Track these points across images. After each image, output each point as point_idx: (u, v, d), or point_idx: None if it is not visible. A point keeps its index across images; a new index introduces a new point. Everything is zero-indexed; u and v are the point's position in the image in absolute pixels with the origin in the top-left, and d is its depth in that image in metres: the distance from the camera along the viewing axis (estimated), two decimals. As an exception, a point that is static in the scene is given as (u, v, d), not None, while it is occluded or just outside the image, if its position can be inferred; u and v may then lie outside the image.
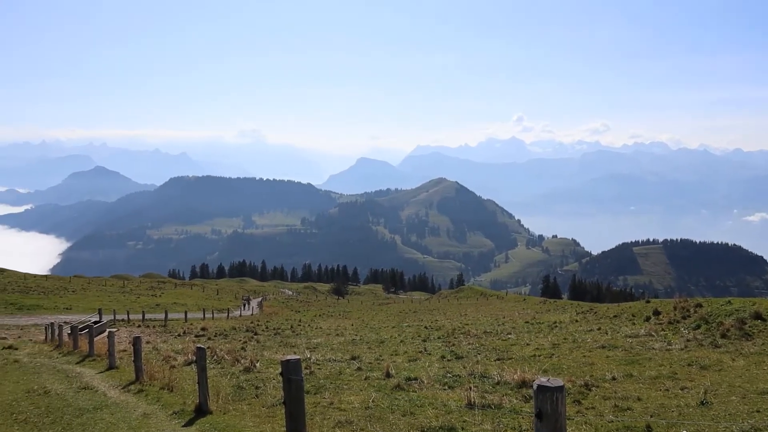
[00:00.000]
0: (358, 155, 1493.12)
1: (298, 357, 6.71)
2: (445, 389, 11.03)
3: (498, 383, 11.25)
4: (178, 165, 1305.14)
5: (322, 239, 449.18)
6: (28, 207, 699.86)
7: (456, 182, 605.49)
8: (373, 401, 9.90)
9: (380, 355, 17.12)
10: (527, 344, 17.90)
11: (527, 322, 27.70)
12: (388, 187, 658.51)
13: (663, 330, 17.23)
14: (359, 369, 13.93)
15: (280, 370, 7.00)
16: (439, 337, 22.48)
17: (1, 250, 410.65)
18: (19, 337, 30.23)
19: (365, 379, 12.42)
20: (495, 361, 14.71)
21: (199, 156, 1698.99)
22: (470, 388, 10.14)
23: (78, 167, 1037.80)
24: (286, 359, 6.63)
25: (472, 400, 9.36)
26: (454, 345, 19.09)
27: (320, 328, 35.17)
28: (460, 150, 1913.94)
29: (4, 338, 29.03)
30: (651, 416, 8.39)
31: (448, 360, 15.37)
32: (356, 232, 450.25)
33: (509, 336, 21.07)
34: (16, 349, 23.36)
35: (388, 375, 12.59)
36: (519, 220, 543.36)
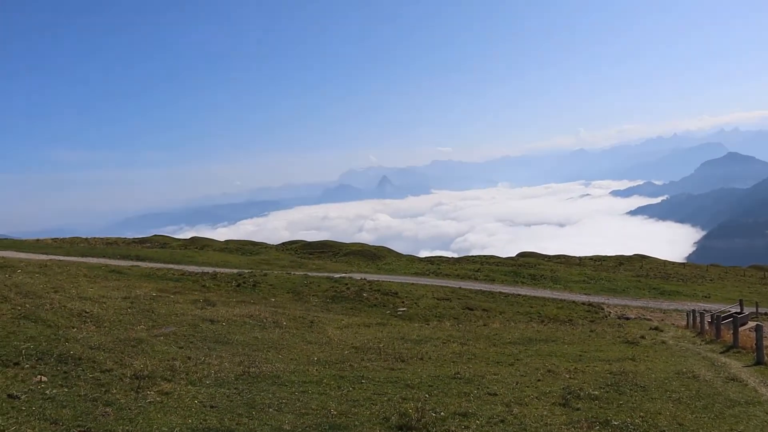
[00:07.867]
0: None
1: None
2: None
3: None
4: None
5: None
6: (663, 198, 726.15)
7: None
8: None
9: None
10: None
11: None
12: None
13: None
14: None
15: None
16: None
17: (642, 239, 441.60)
18: (662, 320, 32.27)
19: None
20: None
21: None
22: None
23: (709, 155, 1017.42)
24: None
25: None
26: None
27: None
28: None
29: (649, 320, 31.50)
30: None
31: None
32: None
33: None
34: (661, 330, 24.96)
35: None
36: None
